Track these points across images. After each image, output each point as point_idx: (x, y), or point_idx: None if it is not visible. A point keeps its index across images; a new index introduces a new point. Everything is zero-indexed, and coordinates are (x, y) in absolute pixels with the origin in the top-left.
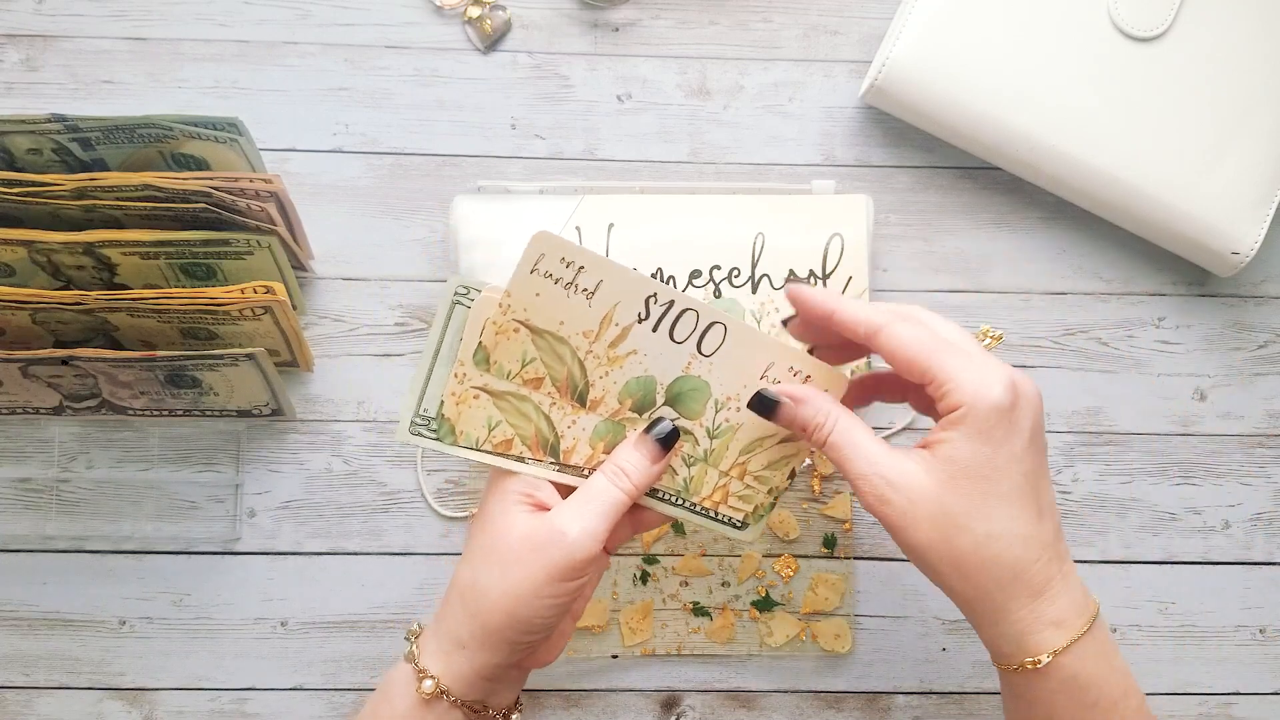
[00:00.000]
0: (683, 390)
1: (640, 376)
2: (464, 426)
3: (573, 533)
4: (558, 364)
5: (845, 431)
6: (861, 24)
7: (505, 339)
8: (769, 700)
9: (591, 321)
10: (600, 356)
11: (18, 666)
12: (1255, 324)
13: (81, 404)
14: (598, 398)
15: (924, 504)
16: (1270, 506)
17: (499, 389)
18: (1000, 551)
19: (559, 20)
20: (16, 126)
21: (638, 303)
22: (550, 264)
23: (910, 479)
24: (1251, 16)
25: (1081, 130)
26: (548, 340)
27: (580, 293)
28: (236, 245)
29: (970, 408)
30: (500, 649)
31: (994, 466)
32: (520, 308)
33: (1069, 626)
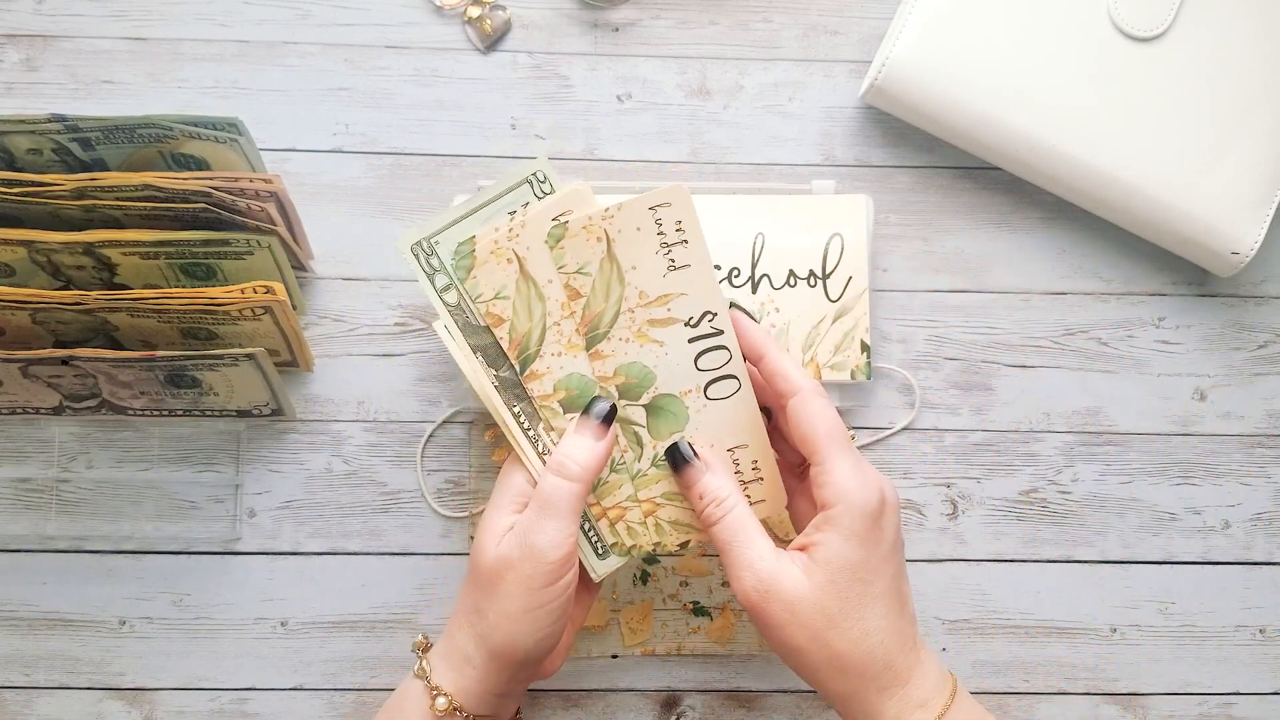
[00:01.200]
0: (665, 408)
1: (646, 366)
2: (481, 274)
3: (539, 542)
4: (525, 317)
5: (740, 520)
6: (861, 24)
7: (495, 263)
8: (769, 700)
9: (654, 289)
10: (636, 322)
11: (18, 666)
12: (1255, 324)
13: (81, 404)
14: (539, 371)
15: (803, 608)
16: (1270, 506)
17: (533, 272)
18: (873, 647)
19: (559, 20)
20: (16, 126)
21: (697, 308)
22: (667, 215)
23: (793, 585)
24: (1251, 16)
25: (1081, 130)
26: (529, 289)
27: (667, 258)
28: (236, 245)
29: (846, 508)
30: (506, 669)
31: (868, 569)
32: (524, 244)
33: (934, 705)
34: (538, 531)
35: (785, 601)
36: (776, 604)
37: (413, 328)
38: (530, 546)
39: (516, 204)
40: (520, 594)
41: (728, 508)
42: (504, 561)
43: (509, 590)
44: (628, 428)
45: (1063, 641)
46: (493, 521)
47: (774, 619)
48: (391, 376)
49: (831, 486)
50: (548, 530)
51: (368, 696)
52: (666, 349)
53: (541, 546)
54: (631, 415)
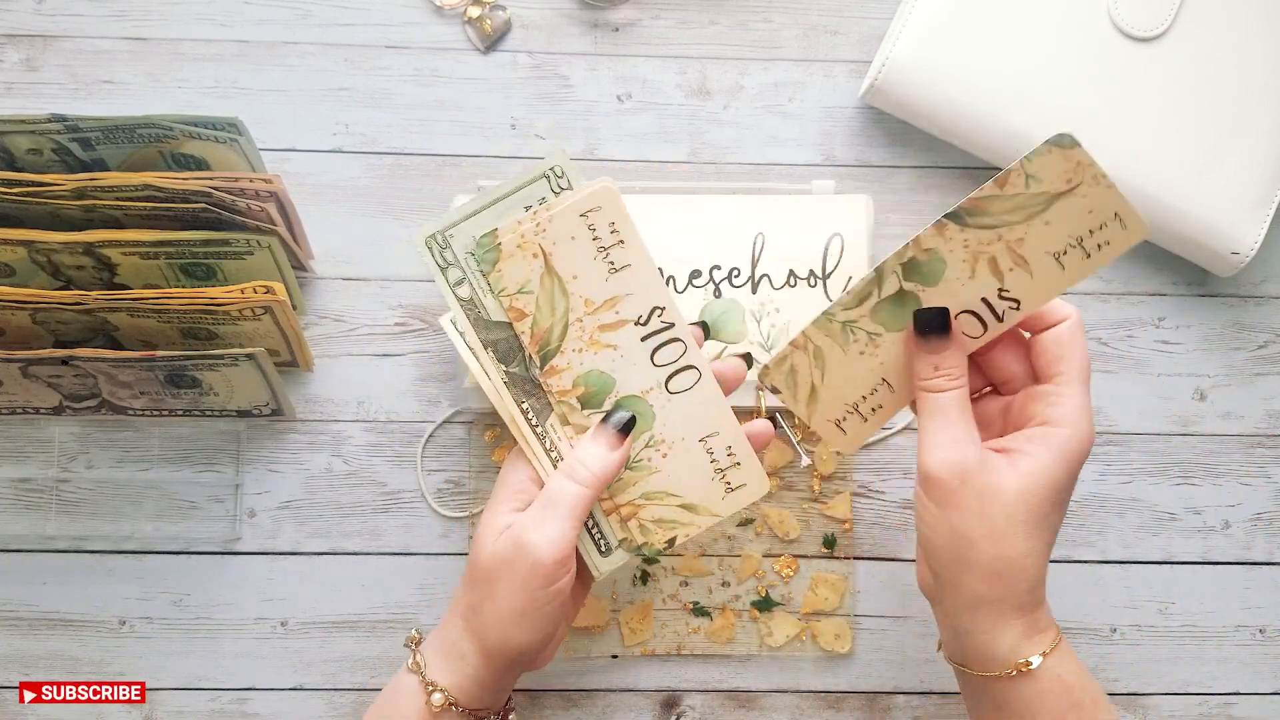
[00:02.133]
0: (628, 409)
1: (604, 372)
2: (506, 268)
3: (537, 541)
4: (549, 312)
5: (961, 400)
6: (861, 24)
7: (521, 258)
8: (769, 700)
9: (598, 294)
10: (586, 331)
11: (18, 666)
12: (1255, 324)
13: (81, 404)
14: (559, 367)
15: (994, 503)
16: (1270, 506)
17: (558, 267)
18: (1030, 567)
19: (559, 20)
20: (16, 126)
21: (644, 306)
22: (599, 219)
23: (993, 478)
24: (1251, 16)
25: (1081, 130)
26: (556, 284)
27: (606, 262)
28: (236, 245)
29: (1072, 434)
30: (500, 666)
31: (1061, 495)
32: (550, 240)
33: (1049, 634)
34: (536, 530)
35: (979, 489)
36: (970, 488)
37: (413, 328)
38: (528, 545)
39: (533, 199)
40: (516, 594)
41: (959, 384)
42: (500, 560)
43: (505, 590)
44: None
45: None
46: (491, 519)
47: (960, 500)
48: (391, 376)
49: (1067, 408)
50: (547, 531)
51: (368, 696)
52: (621, 351)
53: (540, 546)
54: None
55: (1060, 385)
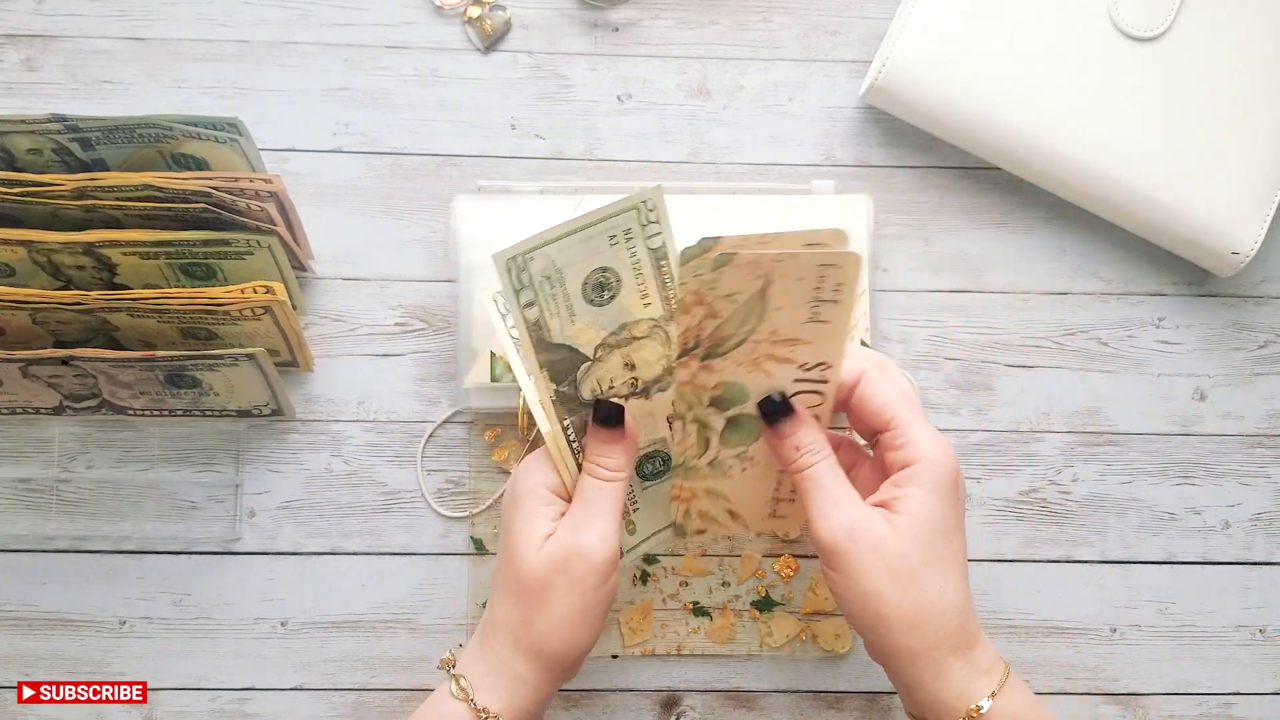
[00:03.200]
0: (744, 425)
1: (746, 388)
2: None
3: (590, 541)
4: (735, 325)
5: (831, 468)
6: (861, 24)
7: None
8: (769, 700)
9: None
10: (756, 353)
11: (18, 666)
12: (1255, 324)
13: (81, 404)
14: (714, 368)
15: (890, 552)
16: (1270, 506)
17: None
18: (950, 603)
19: (559, 20)
20: (16, 126)
21: (816, 357)
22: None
23: (882, 529)
24: (1251, 17)
25: (1081, 130)
26: (759, 308)
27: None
28: (236, 245)
29: (929, 465)
30: (559, 677)
31: (948, 525)
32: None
33: (995, 671)
34: (585, 532)
35: (873, 543)
36: (865, 544)
37: (413, 328)
38: (581, 548)
39: (618, 229)
40: (573, 598)
41: (821, 456)
42: (553, 566)
43: (560, 596)
44: (702, 431)
45: (1063, 641)
46: (529, 529)
47: (860, 561)
48: (391, 376)
49: (912, 445)
50: (595, 530)
51: (368, 696)
52: (770, 378)
53: (593, 546)
54: (712, 422)
55: (896, 428)
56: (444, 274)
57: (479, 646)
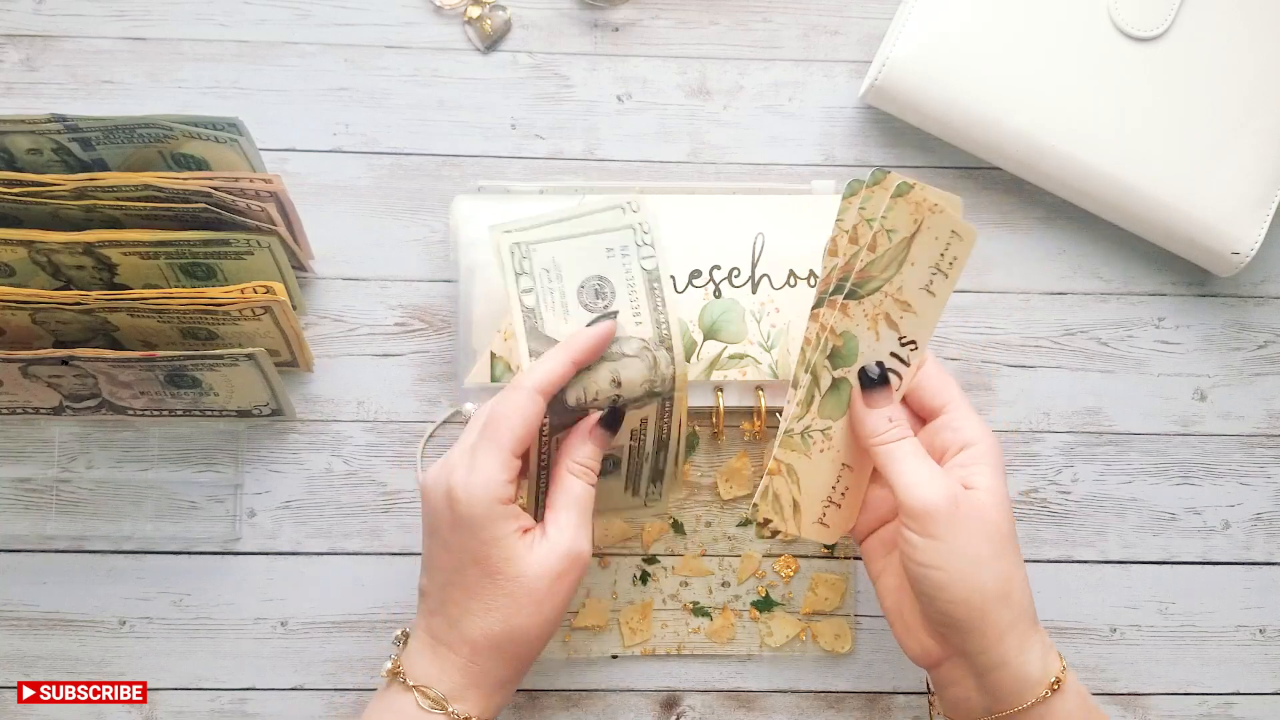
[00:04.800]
0: (841, 391)
1: (859, 348)
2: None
3: (583, 547)
4: (882, 267)
5: (918, 445)
6: (861, 24)
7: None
8: (769, 700)
9: (908, 293)
10: (881, 306)
11: (18, 666)
12: (1255, 324)
13: (81, 404)
14: (850, 311)
15: (987, 522)
16: (1270, 506)
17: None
18: (1024, 578)
19: (559, 20)
20: (16, 126)
21: (912, 331)
22: (954, 246)
23: (975, 498)
24: (1251, 17)
25: (1081, 130)
26: (904, 254)
27: (929, 276)
28: (236, 245)
29: (989, 446)
30: (529, 666)
31: (1007, 506)
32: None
33: (1053, 647)
34: (581, 538)
35: (974, 509)
36: (967, 510)
37: (413, 328)
38: (581, 555)
39: (615, 244)
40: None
41: (909, 431)
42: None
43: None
44: (812, 387)
45: (1063, 641)
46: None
47: (964, 525)
48: (391, 376)
49: (970, 427)
50: (587, 533)
51: (368, 697)
52: (876, 346)
53: (587, 551)
54: (822, 379)
55: (954, 411)
56: (444, 274)
57: (441, 656)
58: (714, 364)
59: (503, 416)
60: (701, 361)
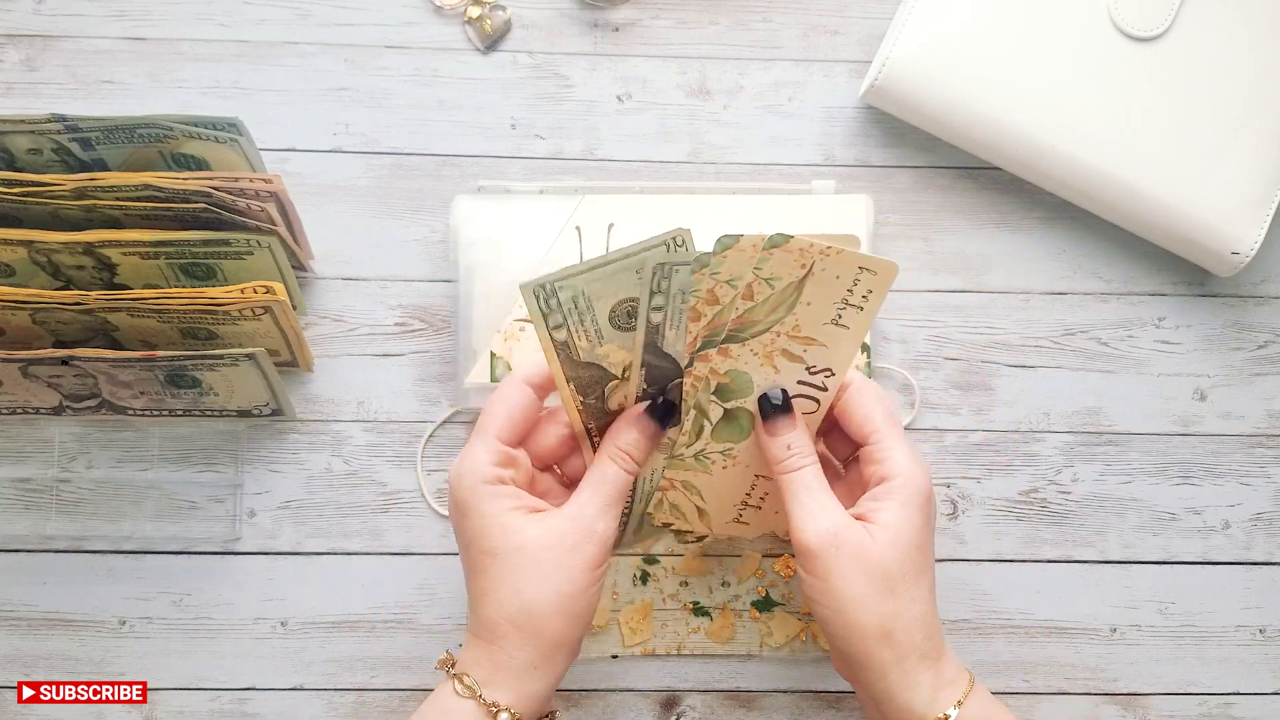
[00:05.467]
0: (738, 419)
1: (752, 382)
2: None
3: (606, 530)
4: (766, 312)
5: (817, 473)
6: (861, 24)
7: (790, 260)
8: (769, 700)
9: (809, 329)
10: (773, 345)
11: (18, 666)
12: (1255, 324)
13: (81, 404)
14: (730, 352)
15: (871, 559)
16: (1270, 506)
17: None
18: (922, 615)
19: (559, 20)
20: (16, 126)
21: (824, 361)
22: (865, 281)
23: (863, 536)
24: (1251, 17)
25: (1081, 130)
26: (792, 299)
27: (836, 311)
28: (236, 245)
29: (907, 480)
30: (565, 655)
31: (924, 539)
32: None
33: (961, 682)
34: (601, 518)
35: (855, 550)
36: (847, 551)
37: (413, 328)
38: (596, 532)
39: (647, 265)
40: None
41: (810, 460)
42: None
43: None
44: (699, 419)
45: (1063, 641)
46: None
47: (841, 567)
48: (391, 376)
49: (891, 461)
50: (610, 516)
51: (368, 696)
52: (777, 378)
53: (606, 532)
54: (710, 411)
55: (876, 442)
56: (444, 274)
57: (476, 646)
58: None
59: (490, 405)
60: None
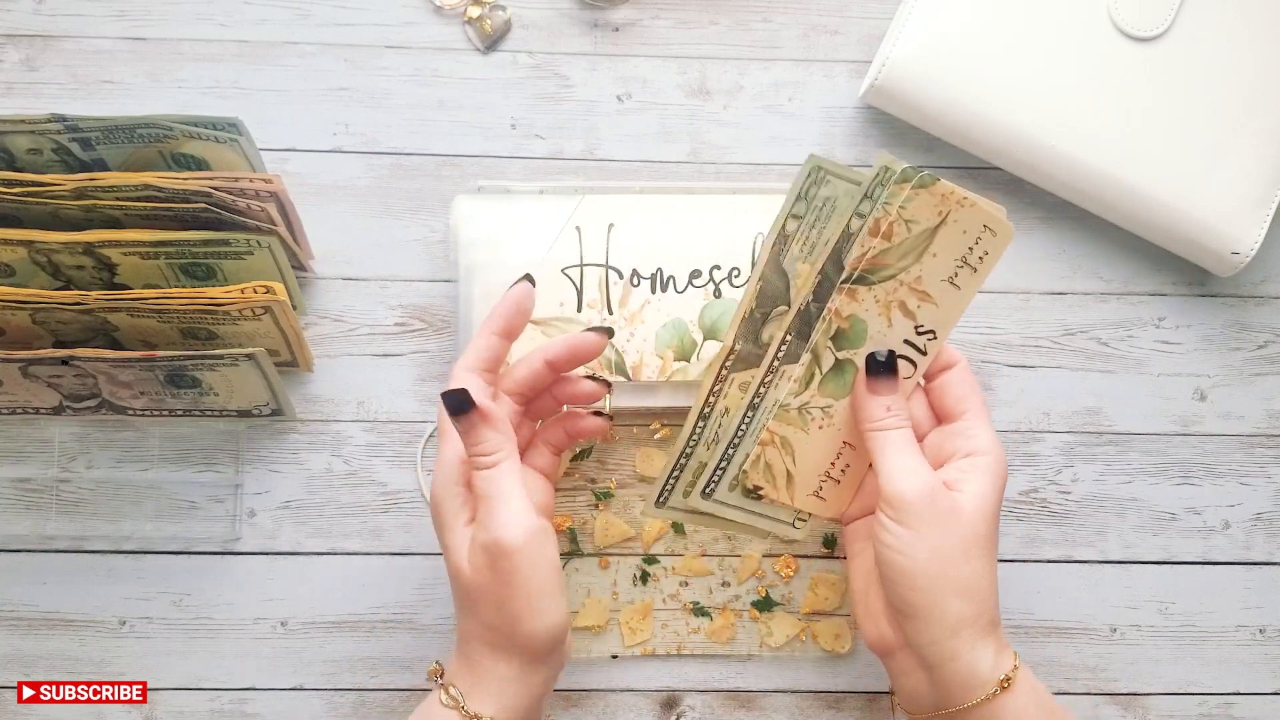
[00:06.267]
0: (846, 372)
1: (868, 332)
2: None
3: (504, 535)
4: (899, 256)
5: (910, 437)
6: (861, 24)
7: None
8: (769, 700)
9: (928, 284)
10: (894, 294)
11: (18, 666)
12: (1255, 324)
13: (81, 404)
14: (859, 296)
15: (960, 521)
16: (1270, 506)
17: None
18: (992, 585)
19: (559, 20)
20: (16, 126)
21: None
22: (984, 241)
23: (954, 497)
24: (1251, 17)
25: (1081, 130)
26: (924, 245)
27: (954, 270)
28: (236, 245)
29: (994, 460)
30: (542, 666)
31: (997, 516)
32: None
33: (1010, 649)
34: (493, 527)
35: (949, 507)
36: (942, 506)
37: (413, 328)
38: (495, 543)
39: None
40: (514, 593)
41: (905, 422)
42: (483, 571)
43: (503, 595)
44: (812, 366)
45: (1063, 641)
46: (454, 541)
47: (935, 520)
48: (391, 376)
49: (982, 438)
50: (500, 519)
51: (368, 696)
52: (888, 333)
53: (505, 537)
54: (824, 358)
55: (971, 420)
56: (444, 274)
57: (459, 657)
58: None
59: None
60: (701, 361)
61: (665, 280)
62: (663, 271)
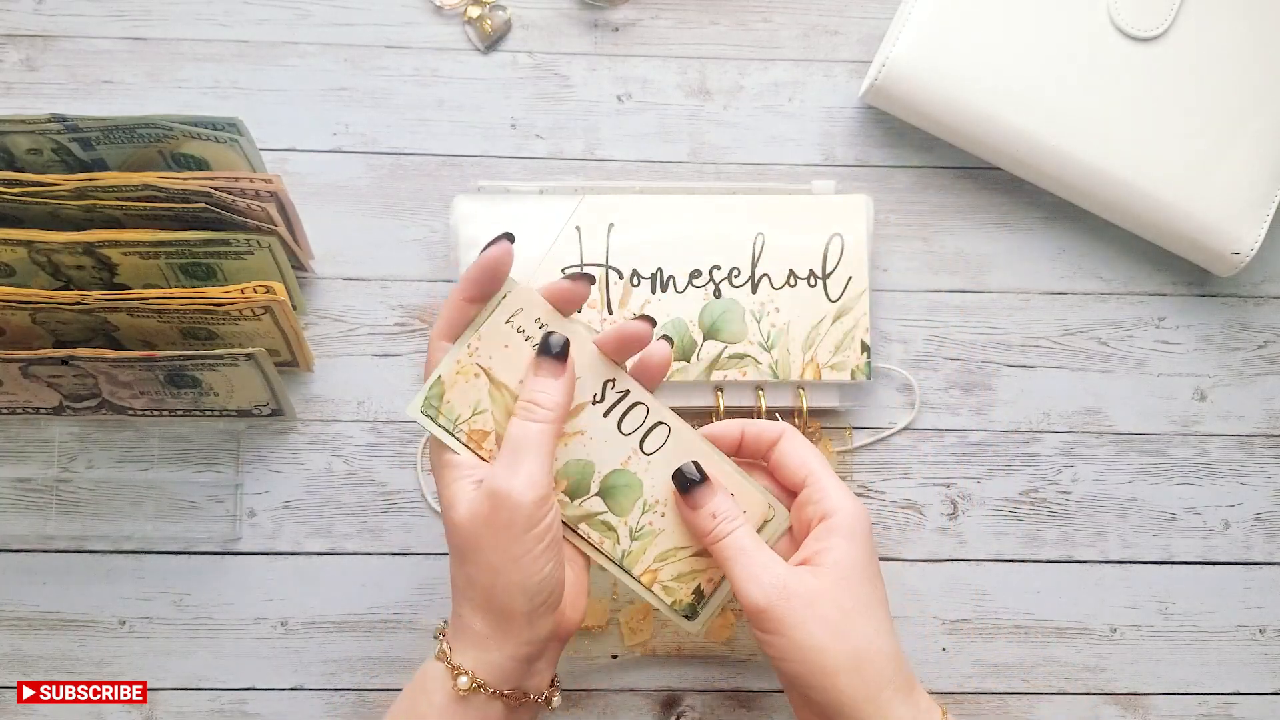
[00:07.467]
0: (616, 484)
1: (581, 460)
2: (453, 396)
3: (514, 486)
4: (505, 422)
5: (748, 533)
6: (861, 24)
7: (465, 381)
8: (769, 700)
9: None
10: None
11: (18, 666)
12: (1255, 324)
13: (81, 404)
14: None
15: (823, 603)
16: (1270, 506)
17: (499, 379)
18: (885, 645)
19: (559, 20)
20: (16, 126)
21: (596, 384)
22: (525, 320)
23: (810, 582)
24: (1251, 17)
25: (1081, 130)
26: (503, 395)
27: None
28: (236, 245)
29: (846, 516)
30: (521, 626)
31: (872, 569)
32: (486, 355)
33: (935, 713)
34: (512, 476)
35: (805, 597)
36: (797, 600)
37: (413, 328)
38: (505, 493)
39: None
40: (502, 545)
41: (738, 523)
42: (478, 518)
43: (490, 545)
44: (594, 519)
45: (1063, 641)
46: (456, 487)
47: (794, 617)
48: (391, 376)
49: (830, 499)
50: (522, 473)
51: (368, 696)
52: (589, 434)
53: (517, 489)
54: (590, 508)
55: (814, 484)
56: (444, 274)
57: (453, 611)
58: (714, 364)
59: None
60: (701, 361)
61: (665, 280)
62: (663, 271)
